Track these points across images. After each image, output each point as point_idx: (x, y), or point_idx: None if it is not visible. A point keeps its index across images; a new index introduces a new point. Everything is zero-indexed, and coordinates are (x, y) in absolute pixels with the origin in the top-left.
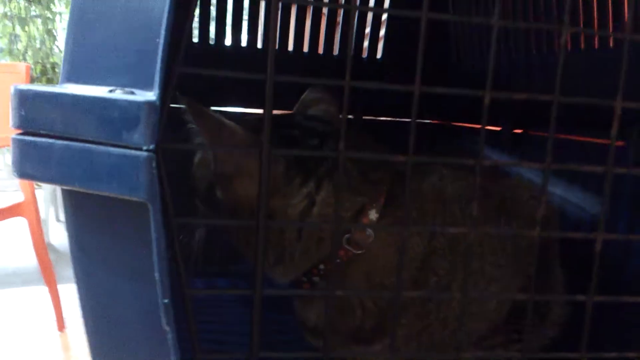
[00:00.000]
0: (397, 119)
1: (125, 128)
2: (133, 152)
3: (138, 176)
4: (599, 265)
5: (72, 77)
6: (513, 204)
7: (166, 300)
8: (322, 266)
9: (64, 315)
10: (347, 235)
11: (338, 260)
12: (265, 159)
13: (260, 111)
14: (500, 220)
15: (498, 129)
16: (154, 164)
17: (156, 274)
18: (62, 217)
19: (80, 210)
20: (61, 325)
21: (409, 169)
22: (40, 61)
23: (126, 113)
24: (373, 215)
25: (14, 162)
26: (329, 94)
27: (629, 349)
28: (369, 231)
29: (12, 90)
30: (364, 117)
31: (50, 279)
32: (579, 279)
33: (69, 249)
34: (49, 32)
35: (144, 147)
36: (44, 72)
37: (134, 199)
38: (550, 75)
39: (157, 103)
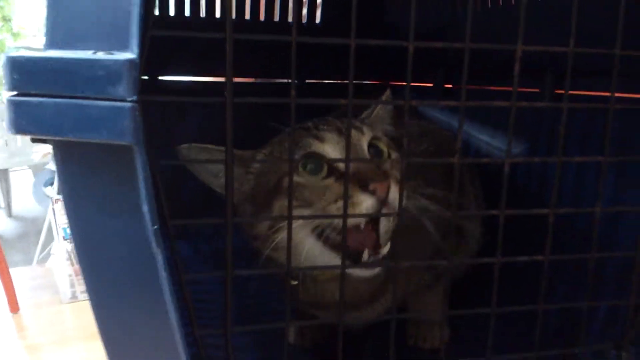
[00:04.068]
0: (341, 82)
1: (111, 83)
2: (119, 103)
3: (124, 123)
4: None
5: (54, 44)
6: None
7: (155, 227)
8: None
9: (17, 297)
10: None
11: None
12: (229, 112)
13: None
14: None
15: (431, 85)
16: (137, 113)
17: (144, 207)
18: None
19: (70, 159)
20: (14, 307)
21: (350, 111)
22: None
23: (111, 70)
24: None
25: (9, 121)
26: None
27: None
28: None
29: (3, 58)
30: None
31: (1, 264)
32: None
33: (61, 198)
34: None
35: (128, 98)
36: None
37: (122, 143)
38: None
39: (137, 60)
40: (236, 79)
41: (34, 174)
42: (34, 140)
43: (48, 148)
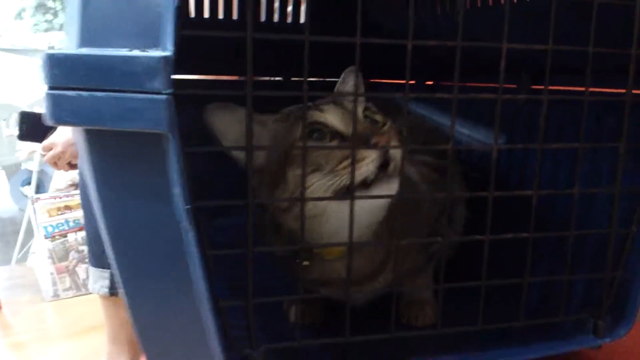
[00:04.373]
0: (326, 79)
1: (147, 78)
2: (155, 96)
3: (160, 114)
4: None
5: (86, 42)
6: None
7: (187, 206)
8: None
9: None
10: None
11: None
12: (249, 104)
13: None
14: None
15: (413, 82)
16: (172, 104)
17: (176, 189)
18: None
19: (103, 148)
20: None
21: (356, 103)
22: None
23: (148, 66)
24: None
25: (49, 113)
26: None
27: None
28: None
29: (43, 56)
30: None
31: None
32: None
33: (93, 186)
34: None
35: (164, 92)
36: None
37: (157, 131)
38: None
39: (172, 57)
40: (227, 77)
41: (7, 174)
42: (20, 139)
43: (33, 146)
